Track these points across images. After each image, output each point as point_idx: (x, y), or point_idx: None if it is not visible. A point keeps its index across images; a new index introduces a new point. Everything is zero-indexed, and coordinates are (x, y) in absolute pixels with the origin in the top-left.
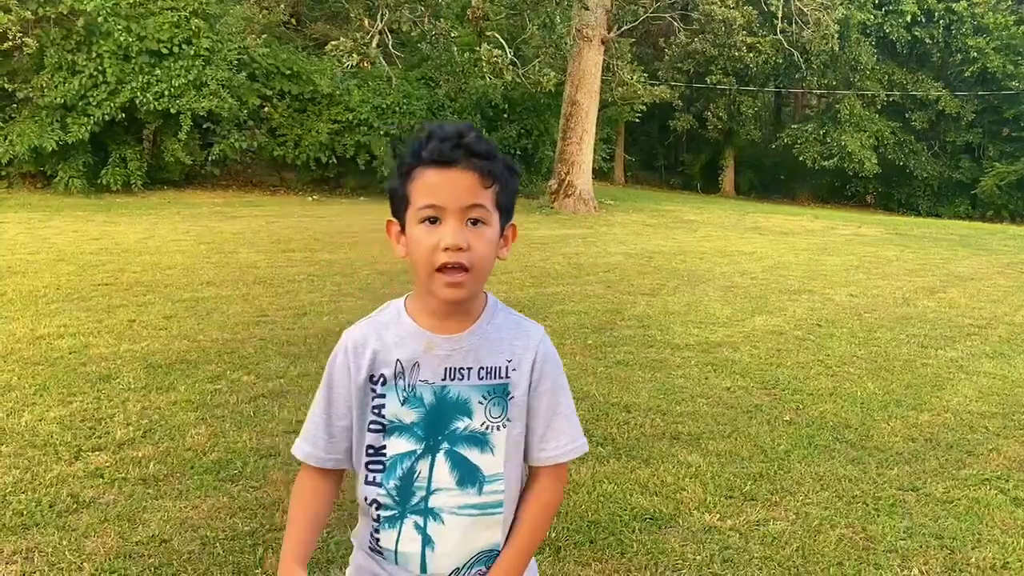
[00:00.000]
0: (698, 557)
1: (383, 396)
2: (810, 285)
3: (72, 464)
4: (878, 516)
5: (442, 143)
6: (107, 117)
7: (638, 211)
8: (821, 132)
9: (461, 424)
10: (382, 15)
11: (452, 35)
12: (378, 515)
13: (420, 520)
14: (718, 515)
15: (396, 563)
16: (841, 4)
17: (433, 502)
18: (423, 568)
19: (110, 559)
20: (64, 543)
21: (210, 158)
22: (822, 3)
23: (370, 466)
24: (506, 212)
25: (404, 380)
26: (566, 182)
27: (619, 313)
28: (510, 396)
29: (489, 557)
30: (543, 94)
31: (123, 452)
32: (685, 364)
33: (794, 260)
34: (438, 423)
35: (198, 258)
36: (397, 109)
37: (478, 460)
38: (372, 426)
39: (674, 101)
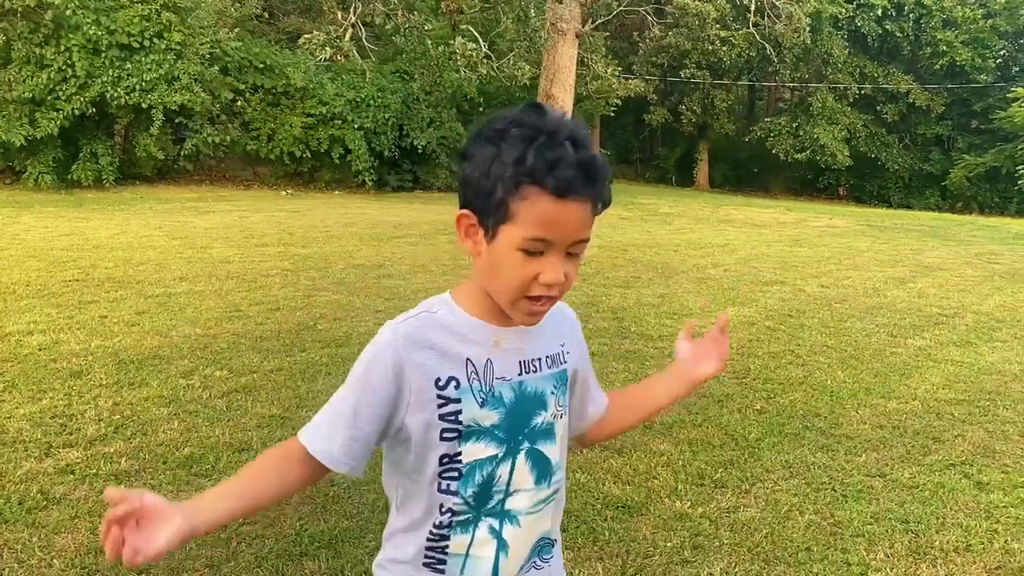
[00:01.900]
0: (669, 544)
1: (458, 401)
2: (782, 276)
3: (42, 461)
4: (846, 502)
5: (571, 171)
6: (77, 112)
7: (613, 204)
8: (794, 125)
9: (539, 419)
10: (355, 8)
11: (426, 28)
12: (450, 521)
13: (495, 523)
14: (689, 502)
15: (462, 572)
16: None
17: (510, 504)
18: (495, 573)
19: (81, 555)
20: (34, 540)
21: (182, 153)
22: None
23: (443, 475)
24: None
25: (480, 380)
26: None
27: (594, 305)
28: (568, 380)
29: (541, 547)
30: (518, 88)
31: (94, 448)
32: (659, 355)
33: (767, 252)
34: (519, 422)
35: (170, 253)
36: (371, 103)
37: (550, 452)
38: (446, 434)
39: (649, 95)
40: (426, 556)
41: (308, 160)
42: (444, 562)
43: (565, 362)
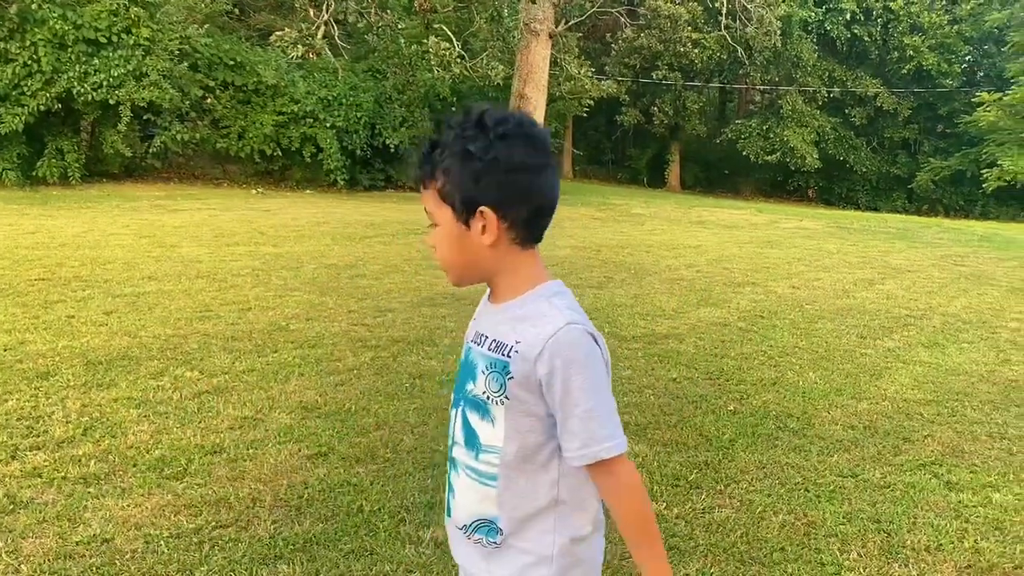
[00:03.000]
0: None
1: None
2: (753, 278)
3: (8, 464)
4: (819, 502)
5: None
6: (42, 107)
7: (586, 205)
8: (764, 127)
9: (469, 387)
10: (328, 6)
11: (399, 27)
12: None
13: (449, 467)
14: (664, 503)
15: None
16: (784, 1)
17: (455, 452)
18: (448, 512)
19: (49, 560)
20: (0, 545)
21: (151, 150)
22: (765, 0)
23: None
24: (461, 202)
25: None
26: None
27: None
28: (509, 375)
29: (489, 530)
30: (491, 88)
31: (62, 451)
32: (632, 355)
33: (738, 253)
34: (460, 380)
35: (139, 252)
36: (344, 101)
37: (478, 425)
38: None
39: (621, 96)
40: None
41: (279, 159)
42: None
43: (508, 356)
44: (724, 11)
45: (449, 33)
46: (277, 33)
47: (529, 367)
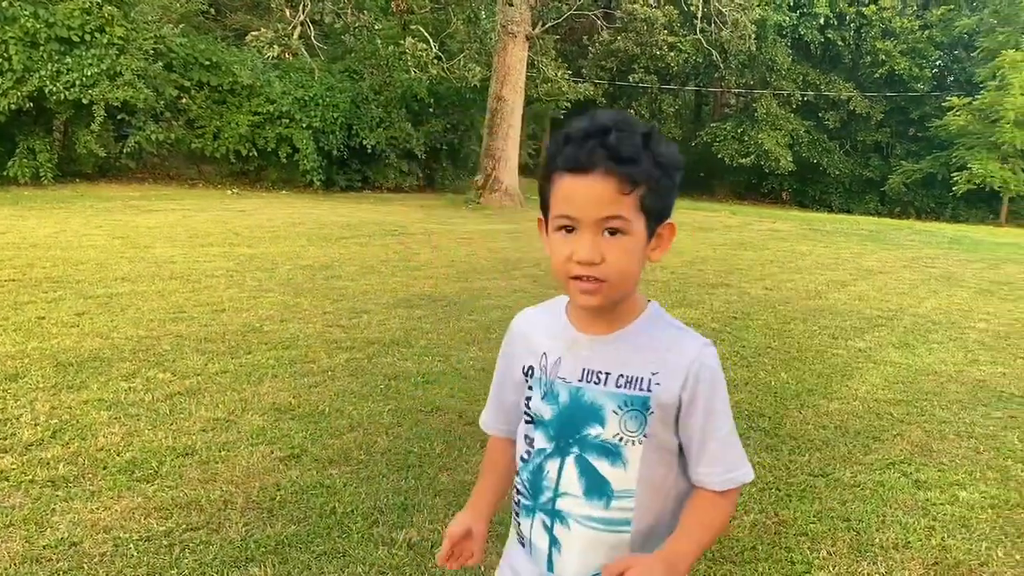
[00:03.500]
0: None
1: (531, 388)
2: (727, 279)
3: None
4: (790, 501)
5: (578, 146)
6: (13, 106)
7: None
8: (739, 131)
9: (593, 431)
10: (304, 6)
11: (376, 28)
12: (518, 500)
13: (547, 520)
14: None
15: (531, 554)
16: (758, 5)
17: (561, 505)
18: (550, 567)
19: (15, 564)
20: None
21: (125, 150)
22: (740, 4)
23: (523, 455)
24: (656, 214)
25: (545, 374)
26: (492, 177)
27: None
28: (650, 411)
29: None
30: (469, 89)
31: (30, 453)
32: None
33: (712, 255)
34: (569, 425)
35: (112, 253)
36: (320, 101)
37: (608, 472)
38: (525, 418)
39: (598, 99)
40: (514, 526)
41: (255, 159)
42: (521, 541)
43: (648, 390)
44: (699, 15)
45: (426, 34)
46: (253, 33)
47: (670, 398)
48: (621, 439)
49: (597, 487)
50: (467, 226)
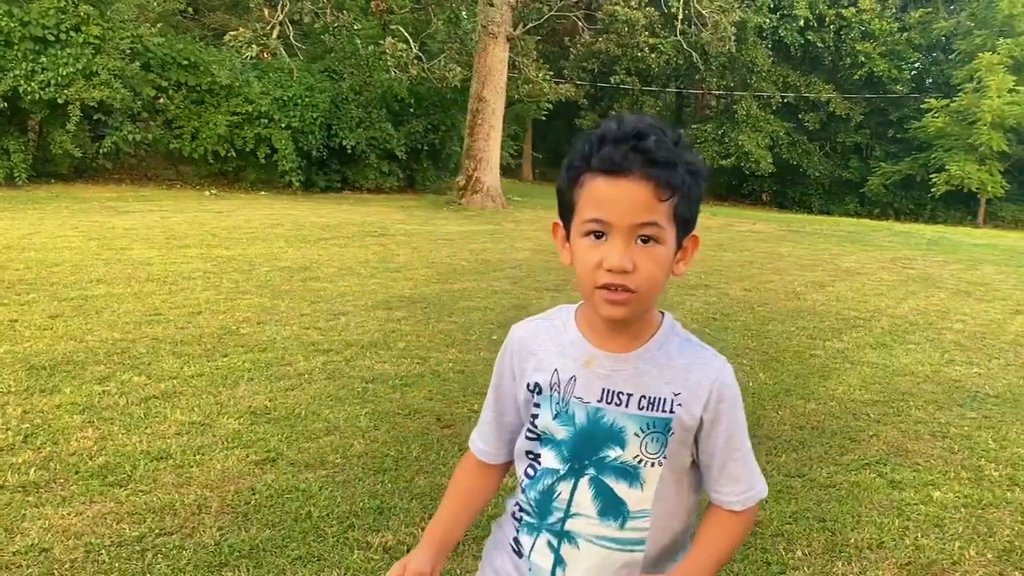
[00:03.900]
0: None
1: (538, 406)
2: (707, 280)
3: None
4: (766, 502)
5: (615, 147)
6: None
7: (545, 208)
8: (719, 132)
9: (612, 453)
10: (283, 5)
11: (356, 27)
12: (521, 517)
13: (554, 540)
14: None
15: (529, 570)
16: (739, 7)
17: (570, 525)
18: None
19: None
20: None
21: (101, 151)
22: (720, 6)
23: (527, 470)
24: (685, 224)
25: (559, 392)
26: (474, 178)
27: (524, 309)
28: (671, 432)
29: None
30: (450, 90)
31: (1, 458)
32: None
33: (693, 256)
34: (587, 447)
35: (87, 255)
36: (299, 102)
37: (625, 494)
38: (528, 434)
39: (579, 100)
40: (512, 543)
41: (233, 159)
42: (519, 554)
43: (671, 412)
44: (680, 16)
45: (406, 34)
46: (231, 33)
47: (692, 419)
48: (641, 461)
49: (612, 508)
50: (448, 227)
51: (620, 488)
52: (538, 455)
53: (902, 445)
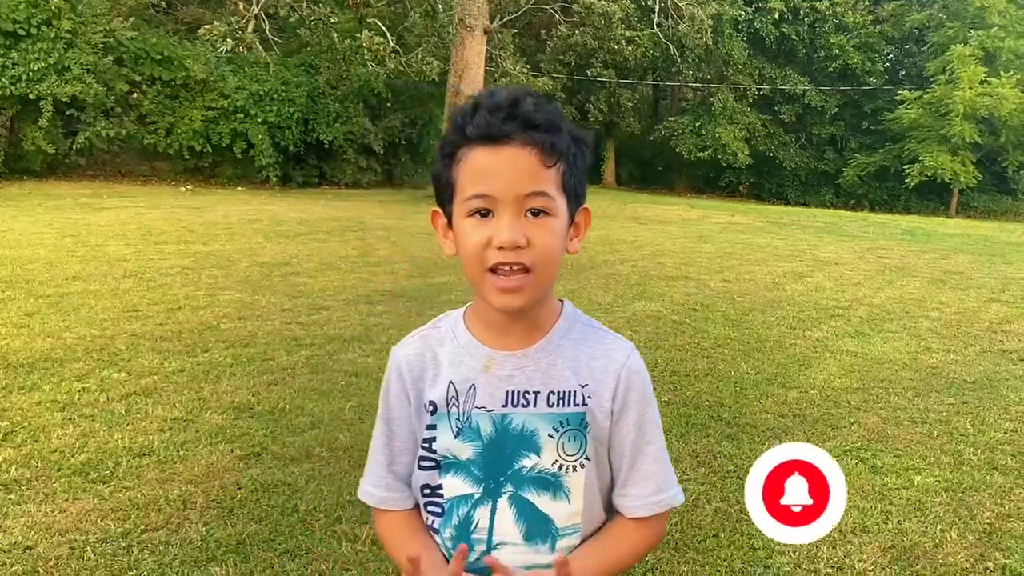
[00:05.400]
0: None
1: (433, 427)
2: (687, 272)
3: None
4: None
5: (491, 114)
6: None
7: None
8: (696, 125)
9: (528, 462)
10: None
11: (332, 21)
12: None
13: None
14: None
15: None
16: (714, 0)
17: (497, 556)
18: None
19: None
20: None
21: (74, 147)
22: None
23: (429, 508)
24: (575, 196)
25: (458, 407)
26: None
27: None
28: (588, 428)
29: None
30: (427, 83)
31: None
32: None
33: (672, 248)
34: (499, 460)
35: (63, 251)
36: (275, 96)
37: (549, 508)
38: (423, 463)
39: (556, 93)
40: None
41: (209, 155)
42: None
43: (583, 405)
44: (657, 9)
45: (383, 28)
46: (206, 27)
47: (603, 413)
48: (561, 466)
49: (539, 528)
50: (426, 221)
51: (543, 502)
52: (438, 487)
53: (882, 431)
